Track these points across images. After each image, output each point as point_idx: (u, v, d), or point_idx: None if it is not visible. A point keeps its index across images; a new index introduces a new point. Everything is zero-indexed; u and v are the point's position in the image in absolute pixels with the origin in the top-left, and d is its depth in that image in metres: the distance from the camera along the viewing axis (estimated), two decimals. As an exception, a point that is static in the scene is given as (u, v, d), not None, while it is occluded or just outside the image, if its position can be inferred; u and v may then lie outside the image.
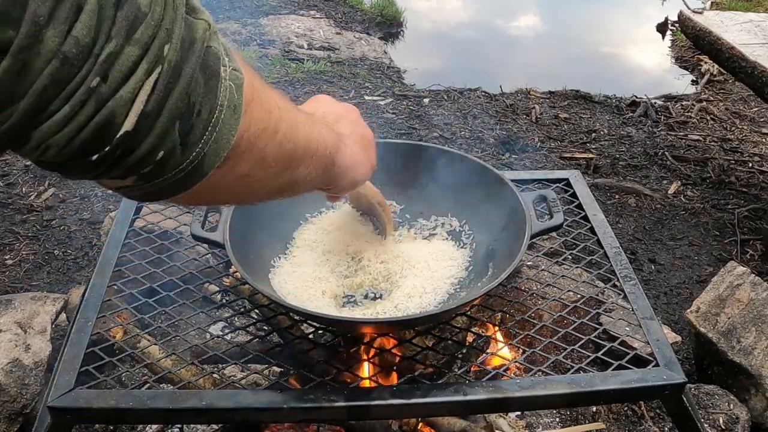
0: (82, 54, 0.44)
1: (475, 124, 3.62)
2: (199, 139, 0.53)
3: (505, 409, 1.49)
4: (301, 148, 0.73)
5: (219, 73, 0.53)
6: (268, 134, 0.64)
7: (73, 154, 0.48)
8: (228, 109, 0.55)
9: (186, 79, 0.50)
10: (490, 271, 1.20)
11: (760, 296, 1.93)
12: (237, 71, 0.56)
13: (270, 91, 0.67)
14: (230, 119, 0.55)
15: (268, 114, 0.64)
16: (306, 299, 1.17)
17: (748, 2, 5.16)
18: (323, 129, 0.83)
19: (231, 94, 0.55)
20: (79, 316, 1.15)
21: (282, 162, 0.69)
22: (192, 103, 0.51)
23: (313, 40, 4.53)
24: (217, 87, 0.53)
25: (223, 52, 0.55)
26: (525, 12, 5.96)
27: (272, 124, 0.64)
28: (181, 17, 0.50)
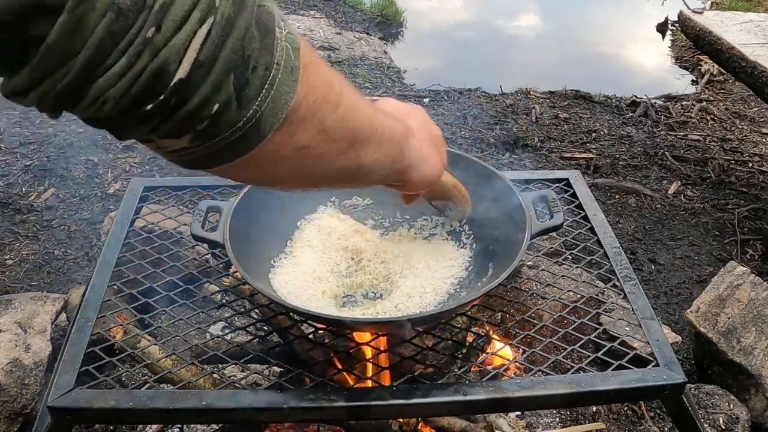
0: (136, 5, 0.44)
1: (475, 124, 3.62)
2: (255, 96, 0.52)
3: (505, 409, 1.49)
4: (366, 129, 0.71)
5: (274, 32, 0.53)
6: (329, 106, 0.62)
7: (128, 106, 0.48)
8: (285, 69, 0.54)
9: (240, 31, 0.50)
10: (490, 271, 1.20)
11: (760, 296, 1.93)
12: (292, 35, 0.56)
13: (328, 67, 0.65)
14: (288, 80, 0.54)
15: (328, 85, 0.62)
16: (306, 299, 1.17)
17: (748, 2, 5.16)
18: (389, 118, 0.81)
19: (288, 55, 0.54)
20: (79, 316, 1.15)
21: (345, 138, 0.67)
22: (247, 56, 0.51)
23: (313, 40, 4.53)
24: (273, 45, 0.52)
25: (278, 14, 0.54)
26: (525, 12, 5.96)
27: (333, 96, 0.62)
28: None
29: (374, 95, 3.85)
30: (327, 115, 0.62)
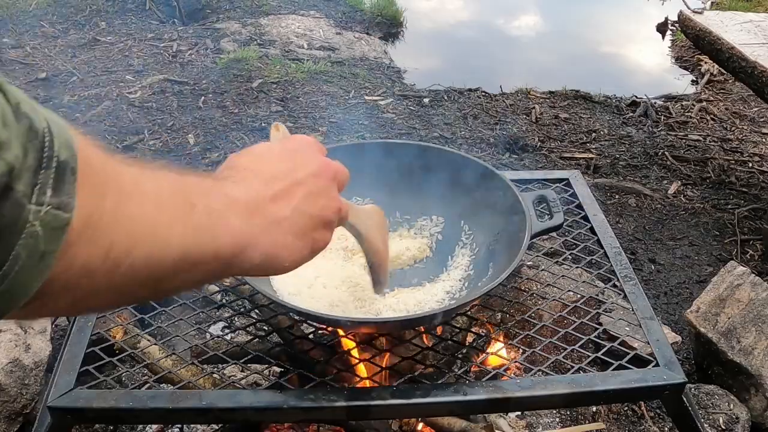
0: None
1: (475, 124, 3.62)
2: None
3: (505, 409, 1.49)
4: (166, 270, 0.57)
5: (18, 221, 0.44)
6: (101, 274, 0.51)
7: None
8: (29, 260, 0.45)
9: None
10: (490, 271, 1.20)
11: (760, 296, 1.93)
12: (61, 209, 0.46)
13: (136, 204, 0.53)
14: (32, 270, 0.46)
15: (106, 251, 0.51)
16: (306, 299, 1.17)
17: (748, 2, 5.16)
18: (226, 227, 0.63)
19: (37, 243, 0.45)
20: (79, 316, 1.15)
21: (130, 290, 0.56)
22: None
23: (313, 40, 4.53)
24: (11, 239, 0.44)
25: (44, 188, 0.45)
26: (525, 12, 5.96)
27: (112, 260, 0.51)
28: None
29: (374, 95, 3.85)
30: (98, 282, 0.52)
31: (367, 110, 3.68)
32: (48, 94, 3.69)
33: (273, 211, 0.68)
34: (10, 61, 4.03)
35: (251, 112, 3.58)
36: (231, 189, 0.66)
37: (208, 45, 4.34)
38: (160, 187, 0.57)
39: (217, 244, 0.61)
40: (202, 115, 3.54)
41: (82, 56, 4.16)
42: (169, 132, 3.40)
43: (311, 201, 0.73)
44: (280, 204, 0.69)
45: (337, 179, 0.79)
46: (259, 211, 0.67)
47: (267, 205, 0.68)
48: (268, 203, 0.68)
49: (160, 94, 3.74)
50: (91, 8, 4.79)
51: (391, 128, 3.50)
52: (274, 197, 0.69)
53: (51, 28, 4.50)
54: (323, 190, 0.75)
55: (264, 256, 0.67)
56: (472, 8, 6.02)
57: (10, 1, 4.79)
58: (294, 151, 0.77)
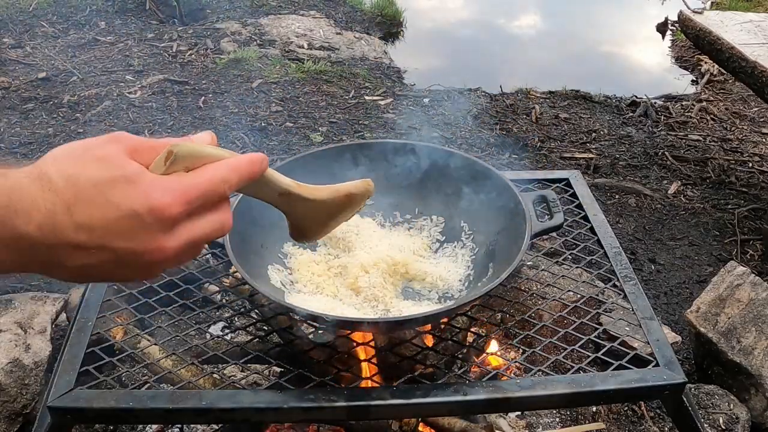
0: None
1: (475, 124, 3.62)
2: None
3: (505, 409, 1.49)
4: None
5: None
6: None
7: None
8: None
9: None
10: (490, 271, 1.20)
11: (760, 296, 1.92)
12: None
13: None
14: None
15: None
16: (306, 299, 1.17)
17: (748, 2, 5.16)
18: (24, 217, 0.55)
19: None
20: (79, 316, 1.15)
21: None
22: None
23: (313, 40, 4.53)
24: None
25: None
26: (525, 12, 5.96)
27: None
28: None
29: (374, 95, 3.85)
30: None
31: (367, 110, 3.68)
32: (48, 94, 3.69)
33: (63, 257, 0.59)
34: (10, 61, 4.03)
35: (251, 112, 3.58)
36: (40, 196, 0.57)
37: (208, 45, 4.34)
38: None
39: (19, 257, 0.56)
40: (202, 115, 3.54)
41: (82, 56, 4.16)
42: (169, 132, 3.40)
43: (111, 269, 0.61)
44: (75, 257, 0.59)
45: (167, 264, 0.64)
46: (41, 250, 0.58)
47: (62, 250, 0.58)
48: (63, 249, 0.58)
49: (160, 94, 3.74)
50: (91, 8, 4.79)
51: (391, 128, 3.50)
52: (76, 247, 0.58)
53: (51, 28, 4.50)
54: (133, 265, 0.62)
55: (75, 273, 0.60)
56: (472, 8, 6.02)
57: (10, 1, 4.79)
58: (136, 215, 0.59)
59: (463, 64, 4.75)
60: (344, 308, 1.18)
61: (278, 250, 1.28)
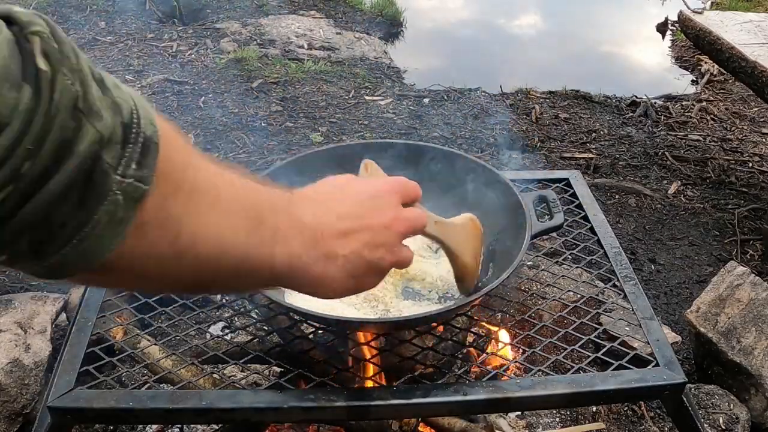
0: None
1: (475, 124, 3.62)
2: (56, 250, 0.47)
3: (505, 409, 1.49)
4: (222, 271, 0.59)
5: (104, 187, 0.46)
6: (165, 258, 0.54)
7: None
8: (108, 224, 0.48)
9: (48, 194, 0.44)
10: (490, 271, 1.20)
11: (760, 296, 1.93)
12: (141, 182, 0.48)
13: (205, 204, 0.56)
14: (108, 234, 0.48)
15: (173, 238, 0.53)
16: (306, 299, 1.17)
17: (748, 2, 5.16)
18: (286, 248, 0.65)
19: (116, 209, 0.48)
20: (79, 316, 1.15)
21: (187, 281, 0.59)
22: (54, 218, 0.45)
23: (313, 40, 4.53)
24: (97, 203, 0.47)
25: (129, 161, 0.47)
26: (525, 11, 5.96)
27: (177, 249, 0.54)
28: (60, 126, 0.43)
29: (374, 95, 3.85)
30: (161, 266, 0.54)
31: (367, 110, 3.68)
32: (48, 94, 3.69)
33: (332, 246, 0.70)
34: (10, 61, 4.02)
35: (251, 112, 3.58)
36: (303, 212, 0.69)
37: (208, 45, 4.34)
38: (235, 194, 0.59)
39: (274, 261, 0.64)
40: (202, 115, 3.54)
41: (82, 56, 4.15)
42: (169, 132, 3.40)
43: (371, 249, 0.73)
44: (342, 242, 0.71)
45: (407, 233, 0.79)
46: (320, 242, 0.69)
47: (330, 239, 0.70)
48: (331, 238, 0.70)
49: (160, 94, 3.74)
50: (91, 8, 4.79)
51: (391, 128, 3.50)
52: (339, 234, 0.71)
53: (51, 28, 4.49)
54: (386, 242, 0.75)
55: (312, 281, 0.70)
56: (472, 8, 6.02)
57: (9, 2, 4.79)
58: (374, 196, 0.77)
59: (463, 64, 4.75)
60: (344, 308, 1.18)
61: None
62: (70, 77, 0.44)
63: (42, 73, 0.43)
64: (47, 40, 0.44)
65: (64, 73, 0.44)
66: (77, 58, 0.45)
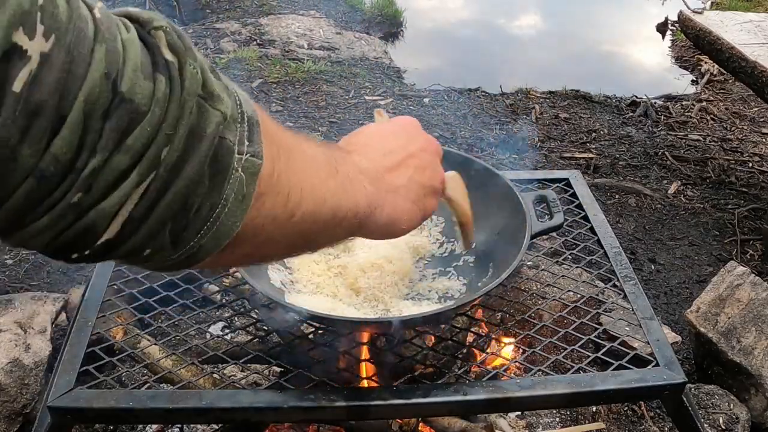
0: (61, 170, 0.41)
1: (475, 124, 3.62)
2: (193, 236, 0.49)
3: (505, 409, 1.49)
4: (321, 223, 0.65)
5: (230, 167, 0.49)
6: (281, 220, 0.58)
7: (52, 254, 0.46)
8: (234, 200, 0.51)
9: (185, 180, 0.46)
10: (490, 271, 1.20)
11: (760, 296, 1.93)
12: (255, 157, 0.52)
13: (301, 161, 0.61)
14: (236, 210, 0.51)
15: (285, 199, 0.58)
16: (306, 299, 1.17)
17: (748, 2, 5.16)
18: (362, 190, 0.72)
19: (240, 185, 0.51)
20: (79, 316, 1.15)
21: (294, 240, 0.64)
22: (190, 204, 0.48)
23: (313, 40, 4.53)
24: (224, 181, 0.49)
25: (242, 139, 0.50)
26: (525, 11, 5.96)
27: (290, 208, 0.58)
28: (190, 111, 0.46)
29: (374, 95, 3.85)
30: (277, 228, 0.59)
31: (367, 110, 3.68)
32: (48, 94, 3.69)
33: (391, 180, 0.78)
34: (10, 61, 4.02)
35: (251, 112, 3.58)
36: (359, 159, 0.76)
37: (208, 45, 4.34)
38: (314, 151, 0.65)
39: (357, 203, 0.70)
40: (202, 115, 3.53)
41: (82, 56, 4.15)
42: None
43: (421, 172, 0.82)
44: (396, 174, 0.79)
45: (439, 153, 0.89)
46: (381, 180, 0.77)
47: (386, 174, 0.78)
48: (386, 173, 0.78)
49: (160, 94, 3.74)
50: (91, 8, 4.79)
51: (391, 128, 3.50)
52: (391, 168, 0.79)
53: (51, 28, 4.49)
54: (430, 162, 0.85)
55: (388, 217, 0.77)
56: (472, 8, 6.02)
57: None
58: (402, 129, 0.86)
59: (463, 64, 4.75)
60: (344, 308, 1.18)
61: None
62: (194, 65, 0.47)
63: (171, 64, 0.45)
64: (170, 34, 0.47)
65: (190, 62, 0.47)
66: (196, 49, 0.49)
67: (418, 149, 0.83)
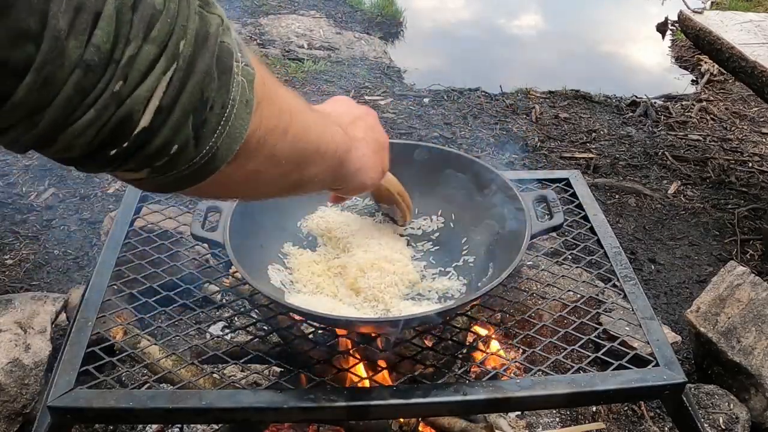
0: (103, 60, 0.45)
1: (475, 124, 3.62)
2: (212, 133, 0.54)
3: (505, 409, 1.49)
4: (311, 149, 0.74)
5: (232, 69, 0.54)
6: (278, 133, 0.65)
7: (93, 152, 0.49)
8: (240, 103, 0.55)
9: (200, 74, 0.51)
10: (490, 271, 1.20)
11: (760, 296, 1.93)
12: (249, 67, 0.57)
13: (282, 90, 0.67)
14: (243, 114, 0.56)
15: (279, 113, 0.64)
16: (306, 299, 1.17)
17: (748, 2, 5.16)
18: (336, 130, 0.84)
19: (243, 90, 0.56)
20: (79, 316, 1.15)
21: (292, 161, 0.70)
22: (206, 98, 0.52)
23: (313, 39, 4.53)
24: (230, 82, 0.54)
25: (236, 48, 0.55)
26: (525, 11, 5.96)
27: (283, 123, 0.65)
28: (195, 12, 0.51)
29: (374, 95, 3.85)
30: (277, 141, 0.65)
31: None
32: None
33: (353, 131, 0.94)
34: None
35: (251, 112, 3.58)
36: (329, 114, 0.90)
37: (208, 45, 4.34)
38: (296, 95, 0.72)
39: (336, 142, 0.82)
40: (202, 115, 3.53)
41: (82, 56, 4.15)
42: (169, 132, 3.40)
43: (371, 129, 1.01)
44: (356, 127, 0.96)
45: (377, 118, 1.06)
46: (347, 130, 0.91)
47: (349, 127, 0.94)
48: (349, 126, 0.94)
49: (160, 94, 3.73)
50: (91, 8, 4.79)
51: (391, 128, 3.50)
52: (351, 123, 0.96)
53: (51, 28, 4.49)
54: (374, 123, 1.04)
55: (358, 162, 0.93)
56: (473, 8, 6.02)
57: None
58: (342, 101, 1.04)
59: (463, 64, 4.75)
60: (344, 308, 1.18)
61: (278, 250, 1.28)
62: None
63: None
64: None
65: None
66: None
67: (362, 113, 1.01)
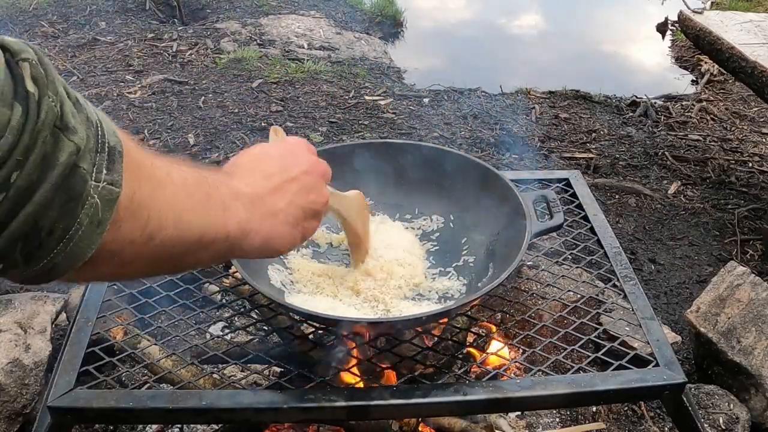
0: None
1: (475, 124, 3.62)
2: (47, 254, 0.53)
3: (505, 409, 1.49)
4: (190, 242, 0.67)
5: (82, 195, 0.52)
6: (138, 244, 0.61)
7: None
8: (89, 225, 0.54)
9: (34, 205, 0.49)
10: (490, 271, 1.20)
11: (760, 296, 1.92)
12: (113, 185, 0.55)
13: (167, 188, 0.63)
14: (90, 234, 0.54)
15: (144, 225, 0.60)
16: (306, 299, 1.17)
17: (748, 2, 5.16)
18: (234, 213, 0.74)
19: (96, 211, 0.54)
20: (79, 316, 1.15)
21: (156, 261, 0.66)
22: (41, 226, 0.51)
23: (313, 40, 4.53)
24: (77, 207, 0.52)
25: (101, 167, 0.53)
26: (525, 11, 5.96)
27: (147, 233, 0.61)
28: (43, 141, 0.49)
29: (374, 95, 3.85)
30: (135, 251, 0.61)
31: (367, 110, 3.68)
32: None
33: (271, 204, 0.81)
34: (10, 61, 4.02)
35: (251, 112, 3.58)
36: (238, 183, 0.78)
37: (208, 45, 4.34)
38: (185, 178, 0.67)
39: (228, 229, 0.72)
40: (202, 115, 3.54)
41: (82, 56, 4.16)
42: (169, 132, 3.40)
43: (303, 195, 0.85)
44: (276, 197, 0.82)
45: (326, 176, 0.92)
46: (259, 203, 0.79)
47: (266, 197, 0.80)
48: (267, 196, 0.80)
49: (160, 94, 3.74)
50: (91, 8, 4.79)
51: (391, 128, 3.50)
52: (272, 191, 0.81)
53: (51, 28, 4.50)
54: (313, 185, 0.88)
55: (263, 240, 0.79)
56: (473, 8, 6.02)
57: (9, 1, 4.79)
58: (289, 151, 0.89)
59: (463, 64, 4.75)
60: (344, 308, 1.18)
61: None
62: (53, 99, 0.50)
63: (31, 95, 0.49)
64: (35, 66, 0.50)
65: (49, 95, 0.50)
66: (58, 83, 0.52)
67: (301, 172, 0.86)
